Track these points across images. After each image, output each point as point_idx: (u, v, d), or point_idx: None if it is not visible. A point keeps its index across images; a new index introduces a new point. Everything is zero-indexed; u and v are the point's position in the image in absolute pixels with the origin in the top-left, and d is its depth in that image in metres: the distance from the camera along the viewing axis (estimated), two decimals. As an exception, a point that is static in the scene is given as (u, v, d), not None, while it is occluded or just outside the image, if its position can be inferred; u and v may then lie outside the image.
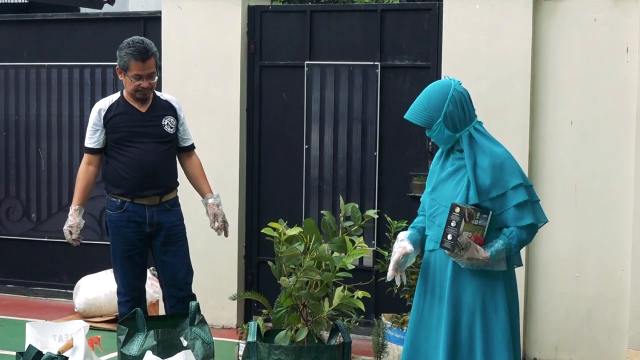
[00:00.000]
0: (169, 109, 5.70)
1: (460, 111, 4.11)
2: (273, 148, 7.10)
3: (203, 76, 7.01)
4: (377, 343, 6.06)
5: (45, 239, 8.15)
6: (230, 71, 7.02)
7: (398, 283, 4.30)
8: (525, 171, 6.13)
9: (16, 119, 8.19)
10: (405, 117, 4.25)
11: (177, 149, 5.77)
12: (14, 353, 5.07)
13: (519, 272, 6.15)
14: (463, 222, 3.97)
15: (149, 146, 5.59)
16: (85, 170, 5.68)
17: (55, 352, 4.86)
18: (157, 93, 5.73)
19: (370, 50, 6.81)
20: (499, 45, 6.26)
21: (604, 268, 6.11)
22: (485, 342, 4.07)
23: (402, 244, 4.23)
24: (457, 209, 3.98)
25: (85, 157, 5.70)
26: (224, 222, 5.75)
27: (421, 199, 4.40)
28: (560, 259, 6.21)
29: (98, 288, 7.19)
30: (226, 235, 5.84)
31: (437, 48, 6.56)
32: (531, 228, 4.10)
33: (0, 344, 6.49)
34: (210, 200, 5.76)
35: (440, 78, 6.19)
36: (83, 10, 10.10)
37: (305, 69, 6.96)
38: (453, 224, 3.98)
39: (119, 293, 5.74)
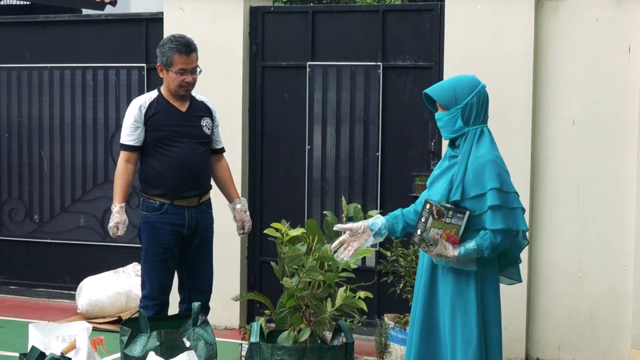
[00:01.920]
0: (206, 111, 5.68)
1: (480, 108, 4.16)
2: (275, 149, 7.10)
3: (205, 77, 6.95)
4: (379, 343, 6.06)
5: (48, 240, 8.15)
6: (233, 72, 7.02)
7: (338, 259, 4.38)
8: (528, 172, 6.15)
9: (19, 120, 8.20)
10: (426, 91, 4.24)
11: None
12: (17, 354, 5.08)
13: (522, 273, 6.16)
14: (431, 219, 4.03)
15: (191, 146, 5.54)
16: (124, 167, 5.55)
17: (58, 353, 4.86)
18: (192, 93, 5.68)
19: (372, 50, 6.81)
20: (501, 45, 6.26)
21: (606, 268, 6.11)
22: (452, 341, 4.11)
23: (358, 223, 4.37)
24: (428, 205, 4.06)
25: (124, 154, 5.56)
26: (250, 228, 5.77)
27: (419, 199, 4.45)
28: (562, 258, 6.21)
29: (101, 289, 7.20)
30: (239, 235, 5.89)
31: (439, 48, 6.56)
32: (505, 233, 4.07)
33: (4, 345, 6.49)
34: (238, 206, 5.75)
35: (442, 78, 6.21)
36: (85, 11, 10.12)
37: (307, 69, 6.97)
38: (423, 219, 4.07)
39: (145, 297, 5.61)
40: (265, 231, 4.90)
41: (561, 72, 6.19)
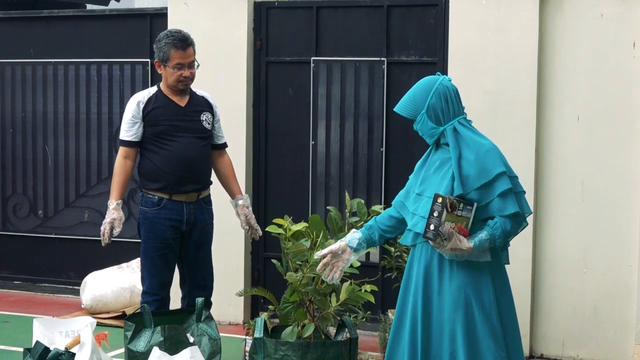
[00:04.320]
0: (206, 105, 5.67)
1: (444, 104, 4.13)
2: (279, 144, 7.10)
3: (209, 72, 6.99)
4: (383, 339, 6.06)
5: (52, 236, 8.16)
6: (237, 67, 7.02)
7: (328, 280, 4.32)
8: (532, 166, 6.14)
9: (23, 115, 8.21)
10: (394, 109, 4.26)
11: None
12: (21, 349, 5.08)
13: (526, 268, 6.18)
14: (445, 212, 3.98)
15: (190, 140, 5.53)
16: (123, 164, 5.54)
17: (62, 348, 4.86)
18: (193, 89, 5.67)
19: (376, 46, 6.80)
20: (506, 40, 6.25)
21: (610, 264, 6.11)
22: (468, 337, 4.03)
23: (337, 244, 4.31)
24: (440, 199, 4.00)
25: (122, 150, 5.55)
26: (256, 224, 5.75)
27: (394, 202, 4.40)
28: (566, 254, 6.21)
29: (105, 284, 7.20)
30: (256, 239, 5.85)
31: (443, 44, 6.55)
32: (515, 218, 4.06)
33: (8, 340, 6.50)
34: (241, 202, 5.74)
35: (446, 74, 6.20)
36: (89, 6, 10.11)
37: (312, 64, 6.96)
38: (435, 214, 4.00)
39: (145, 293, 5.61)
40: (267, 229, 4.90)
41: (566, 67, 6.18)
